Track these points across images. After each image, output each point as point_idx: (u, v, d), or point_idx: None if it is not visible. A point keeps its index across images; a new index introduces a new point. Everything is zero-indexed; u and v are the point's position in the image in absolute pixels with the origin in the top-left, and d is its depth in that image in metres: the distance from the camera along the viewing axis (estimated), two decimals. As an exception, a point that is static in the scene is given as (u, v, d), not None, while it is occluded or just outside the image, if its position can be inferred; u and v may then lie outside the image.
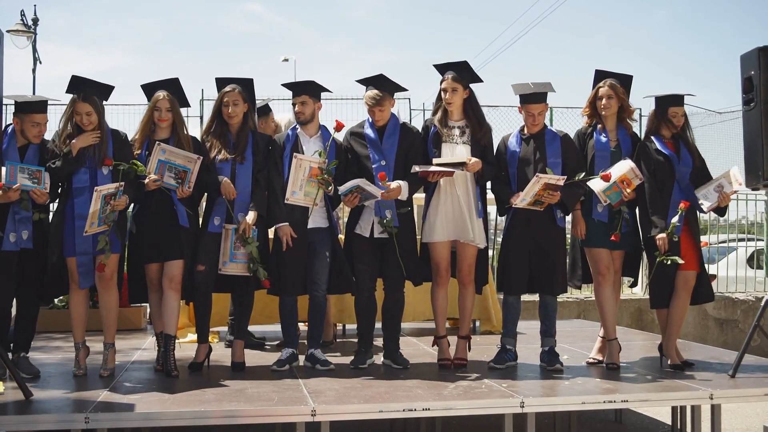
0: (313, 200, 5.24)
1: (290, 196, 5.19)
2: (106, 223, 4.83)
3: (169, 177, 5.05)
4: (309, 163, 5.19)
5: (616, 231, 5.30)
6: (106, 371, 5.01)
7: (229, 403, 4.28)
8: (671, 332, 5.38)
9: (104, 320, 5.08)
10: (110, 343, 5.09)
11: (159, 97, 5.15)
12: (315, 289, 5.36)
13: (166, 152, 5.04)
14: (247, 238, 5.09)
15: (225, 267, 5.17)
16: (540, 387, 4.86)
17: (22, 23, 17.60)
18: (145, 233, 5.06)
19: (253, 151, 5.26)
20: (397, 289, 5.41)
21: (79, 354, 5.10)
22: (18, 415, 4.06)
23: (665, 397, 4.76)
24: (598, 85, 5.47)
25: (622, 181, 5.24)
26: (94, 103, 4.93)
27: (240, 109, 5.25)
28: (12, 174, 4.70)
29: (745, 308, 9.87)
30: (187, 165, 5.06)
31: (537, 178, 5.11)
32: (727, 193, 5.26)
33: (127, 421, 4.12)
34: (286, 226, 5.19)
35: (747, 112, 5.17)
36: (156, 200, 5.08)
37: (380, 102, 5.31)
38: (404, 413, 4.28)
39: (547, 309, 5.43)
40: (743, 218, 12.03)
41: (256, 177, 5.23)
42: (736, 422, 6.11)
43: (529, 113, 5.33)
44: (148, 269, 5.17)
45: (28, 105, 4.95)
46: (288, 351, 5.34)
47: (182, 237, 5.10)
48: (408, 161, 5.29)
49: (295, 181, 5.17)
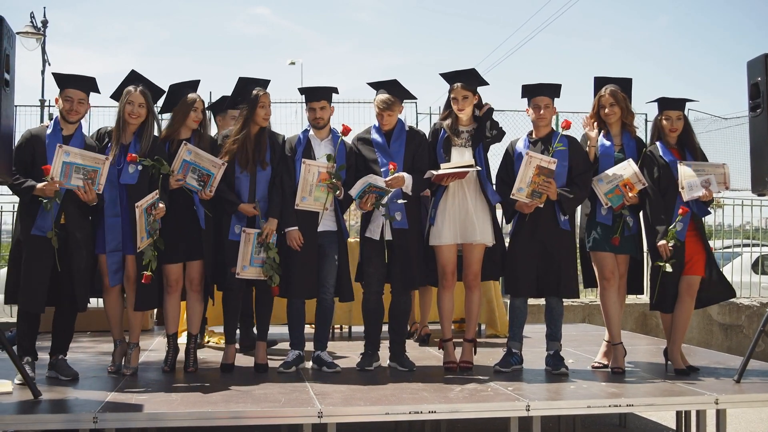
0: (323, 205, 5.26)
1: (300, 201, 5.21)
2: (152, 234, 4.90)
3: (192, 178, 5.09)
4: (318, 167, 5.21)
5: (616, 234, 5.32)
6: (128, 370, 5.08)
7: (236, 404, 4.30)
8: (676, 337, 5.39)
9: (130, 320, 5.16)
10: (135, 343, 5.18)
11: (195, 98, 5.21)
12: (323, 291, 5.38)
13: (191, 153, 5.08)
14: (269, 243, 5.13)
15: (244, 271, 5.18)
16: (545, 391, 4.87)
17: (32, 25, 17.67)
18: (166, 234, 5.07)
19: (270, 155, 5.28)
20: (403, 292, 5.43)
21: (115, 352, 5.21)
22: (27, 415, 4.09)
23: (670, 401, 4.77)
24: (600, 94, 5.49)
25: (624, 185, 5.26)
26: (147, 98, 5.06)
27: (269, 111, 5.30)
28: (67, 174, 4.74)
29: (750, 313, 9.87)
30: (211, 169, 5.10)
31: (528, 158, 5.14)
32: (711, 191, 5.27)
33: (135, 422, 4.14)
34: (296, 230, 5.21)
35: (753, 118, 5.18)
36: (177, 201, 5.12)
37: (390, 107, 5.34)
38: (410, 416, 4.30)
39: (552, 313, 5.44)
40: (748, 223, 12.03)
41: (274, 181, 5.25)
42: (740, 427, 6.11)
43: (536, 105, 5.35)
44: (168, 270, 5.20)
45: (64, 78, 4.98)
46: (294, 353, 5.36)
47: (202, 238, 5.16)
48: (415, 164, 5.31)
49: (305, 187, 5.19)
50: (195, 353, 5.36)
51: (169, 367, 5.24)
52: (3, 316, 8.07)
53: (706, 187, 5.25)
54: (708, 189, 5.25)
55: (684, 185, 5.26)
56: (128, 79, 5.16)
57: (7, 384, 4.56)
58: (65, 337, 5.05)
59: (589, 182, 5.34)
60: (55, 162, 4.71)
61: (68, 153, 4.75)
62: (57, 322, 5.04)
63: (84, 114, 5.04)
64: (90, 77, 5.05)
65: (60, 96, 4.95)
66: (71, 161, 4.75)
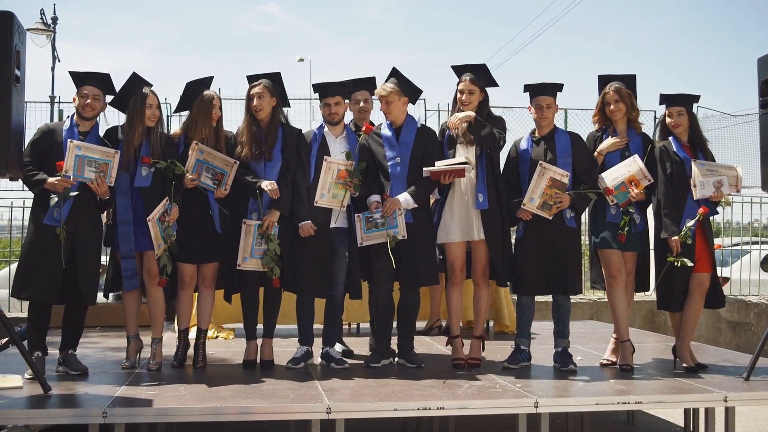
0: (341, 202, 5.26)
1: (319, 198, 5.21)
2: (168, 240, 4.97)
3: (207, 177, 5.12)
4: (338, 165, 5.21)
5: (622, 231, 5.32)
6: (154, 365, 5.11)
7: (244, 399, 4.31)
8: (685, 334, 5.39)
9: (152, 316, 5.19)
10: (158, 338, 5.20)
11: (212, 95, 5.24)
12: (333, 288, 5.38)
13: (204, 153, 5.10)
14: (269, 234, 5.12)
15: (245, 263, 5.18)
16: (554, 387, 4.87)
17: (42, 22, 17.74)
18: (181, 233, 5.10)
19: (282, 147, 5.27)
20: (412, 288, 5.43)
21: (129, 348, 5.25)
22: (36, 409, 4.12)
23: (679, 399, 4.76)
24: (604, 91, 5.47)
25: (630, 182, 5.27)
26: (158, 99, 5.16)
27: (266, 102, 5.26)
28: (80, 167, 4.80)
29: (758, 311, 9.82)
30: (224, 168, 5.12)
31: (541, 168, 5.14)
32: (722, 192, 5.26)
33: (144, 417, 4.17)
34: (308, 223, 5.20)
35: (764, 115, 5.16)
36: (192, 203, 5.15)
37: (387, 96, 5.31)
38: (419, 412, 4.31)
39: (560, 310, 5.44)
40: (756, 221, 11.98)
41: (284, 175, 5.24)
42: (748, 425, 6.10)
43: (538, 105, 5.35)
44: (182, 268, 5.23)
45: (80, 75, 5.03)
46: (303, 349, 5.37)
47: (217, 238, 5.19)
48: (425, 162, 5.30)
49: (324, 184, 5.20)
50: (204, 349, 5.38)
51: (178, 363, 5.26)
52: (13, 312, 8.10)
53: (718, 187, 5.25)
54: (719, 190, 5.24)
55: (696, 183, 5.25)
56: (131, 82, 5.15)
57: (17, 379, 4.59)
58: (75, 332, 5.08)
59: (596, 179, 5.34)
60: (69, 156, 4.79)
61: (80, 147, 4.83)
62: (67, 317, 5.06)
63: (99, 111, 5.06)
64: (104, 74, 5.08)
65: (76, 94, 5.01)
66: (83, 154, 4.83)
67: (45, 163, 4.87)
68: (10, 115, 4.31)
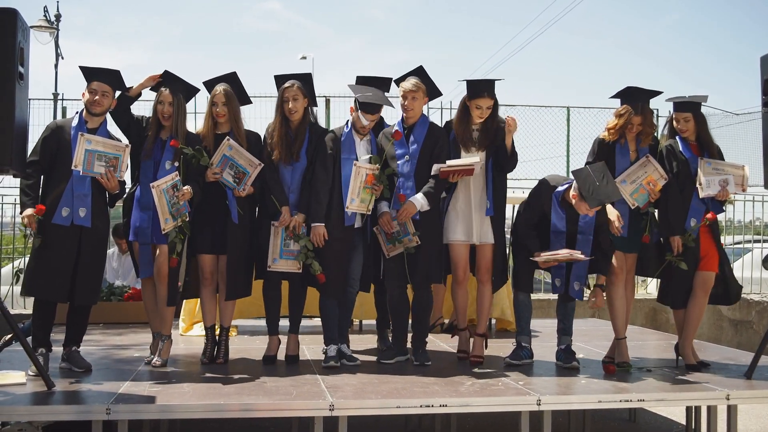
0: (367, 206, 5.26)
1: (350, 203, 5.19)
2: (180, 217, 4.96)
3: (228, 174, 5.13)
4: (366, 170, 5.21)
5: (646, 232, 5.31)
6: (159, 361, 5.12)
7: (247, 396, 4.32)
8: (688, 332, 5.39)
9: (161, 312, 5.19)
10: (167, 335, 5.21)
11: (216, 91, 5.22)
12: (350, 285, 5.39)
13: (232, 149, 5.12)
14: (298, 234, 5.14)
15: (275, 264, 5.21)
16: (556, 385, 4.87)
17: (45, 19, 17.75)
18: (198, 224, 5.15)
19: (307, 148, 5.25)
20: (424, 287, 5.42)
21: (153, 344, 5.27)
22: (40, 406, 4.13)
23: (681, 396, 4.77)
24: (630, 113, 5.28)
25: (648, 183, 5.26)
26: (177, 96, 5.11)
27: (300, 104, 5.23)
28: (90, 162, 4.81)
29: (760, 309, 9.82)
30: (248, 168, 5.13)
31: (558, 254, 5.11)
32: (728, 191, 5.26)
33: (148, 413, 4.19)
34: (321, 226, 5.17)
35: (767, 113, 5.16)
36: (212, 193, 5.16)
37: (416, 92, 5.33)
38: (421, 409, 4.32)
39: (566, 307, 5.44)
40: (758, 219, 11.97)
41: (306, 176, 5.24)
42: (750, 423, 6.11)
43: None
44: (202, 261, 5.25)
45: (90, 71, 5.02)
46: (333, 347, 5.30)
47: (234, 233, 5.18)
48: (433, 161, 5.28)
49: (354, 189, 5.19)
50: (227, 345, 5.38)
51: (208, 359, 5.30)
52: (17, 308, 8.12)
53: (724, 186, 5.24)
54: (725, 189, 5.24)
55: (702, 182, 5.25)
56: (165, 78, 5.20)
57: (20, 375, 4.59)
58: (79, 329, 5.07)
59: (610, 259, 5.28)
60: (78, 150, 4.80)
61: (90, 141, 4.84)
62: (71, 314, 5.06)
63: (108, 107, 5.03)
64: (115, 70, 5.07)
65: (86, 89, 5.00)
66: (93, 149, 4.84)
67: (54, 160, 4.87)
68: (14, 112, 4.30)
